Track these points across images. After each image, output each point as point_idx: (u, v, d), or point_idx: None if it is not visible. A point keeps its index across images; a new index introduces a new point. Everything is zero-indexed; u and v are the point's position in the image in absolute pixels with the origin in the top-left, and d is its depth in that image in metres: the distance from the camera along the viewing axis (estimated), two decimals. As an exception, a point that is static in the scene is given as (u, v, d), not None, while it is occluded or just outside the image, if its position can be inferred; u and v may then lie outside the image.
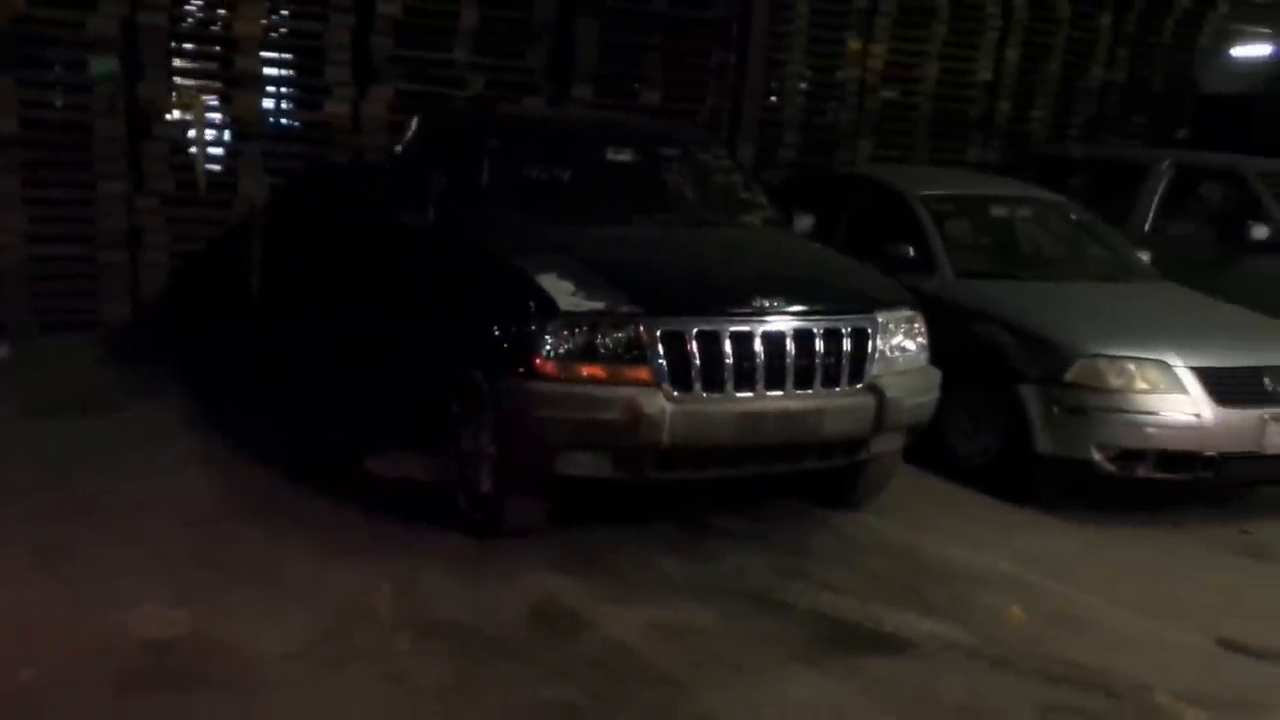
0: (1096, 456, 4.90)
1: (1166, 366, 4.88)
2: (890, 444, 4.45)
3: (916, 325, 4.43)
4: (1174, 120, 11.65)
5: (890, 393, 4.17)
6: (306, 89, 7.38)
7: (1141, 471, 4.93)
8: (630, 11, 7.96)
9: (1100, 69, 11.02)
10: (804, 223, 5.51)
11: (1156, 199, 7.64)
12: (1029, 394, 5.06)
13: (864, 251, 6.00)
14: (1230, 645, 3.88)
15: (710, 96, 8.32)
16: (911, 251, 5.86)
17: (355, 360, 5.88)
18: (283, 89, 7.37)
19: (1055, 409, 4.98)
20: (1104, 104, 11.15)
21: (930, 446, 5.36)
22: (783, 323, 3.99)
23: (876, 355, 4.21)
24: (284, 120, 7.45)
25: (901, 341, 4.35)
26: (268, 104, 7.24)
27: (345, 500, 4.51)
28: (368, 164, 7.17)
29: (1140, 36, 11.19)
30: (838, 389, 4.06)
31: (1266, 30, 14.71)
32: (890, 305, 4.35)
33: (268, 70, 7.15)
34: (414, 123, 6.14)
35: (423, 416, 4.78)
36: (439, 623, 3.57)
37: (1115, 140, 11.06)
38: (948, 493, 5.28)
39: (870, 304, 4.26)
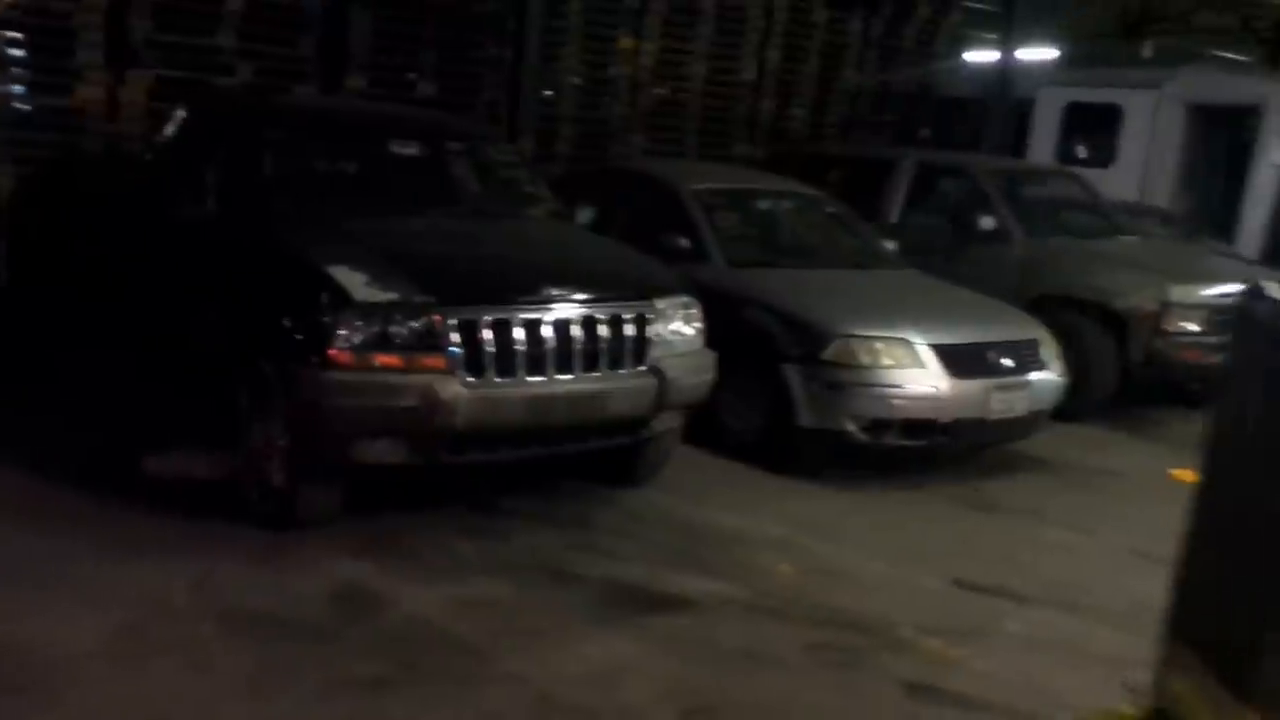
0: (850, 427, 5.50)
1: (909, 344, 5.54)
2: (670, 422, 4.87)
3: (693, 311, 4.86)
4: (918, 120, 12.85)
5: (670, 374, 4.58)
6: (55, 72, 7.09)
7: (889, 439, 5.57)
8: (404, 2, 8.08)
9: (853, 71, 12.04)
10: (585, 215, 5.86)
11: (902, 193, 8.45)
12: (792, 373, 5.60)
13: (640, 243, 6.43)
14: (964, 585, 4.53)
15: (487, 90, 8.56)
16: (685, 242, 6.31)
17: (128, 355, 5.75)
18: (28, 72, 7.04)
19: (814, 385, 5.55)
20: (857, 104, 12.18)
21: (706, 425, 5.87)
22: (570, 310, 4.32)
23: (657, 339, 4.61)
24: (29, 105, 7.12)
25: (680, 326, 4.77)
26: (13, 88, 6.89)
27: (129, 501, 4.47)
28: (125, 153, 6.97)
29: (887, 42, 12.30)
30: (622, 371, 4.43)
31: (994, 37, 16.38)
32: (669, 293, 4.76)
33: (12, 51, 6.82)
34: (179, 111, 6.04)
35: (204, 410, 4.79)
36: (241, 612, 3.67)
37: (869, 138, 12.11)
38: (723, 467, 5.75)
39: (651, 292, 4.65)
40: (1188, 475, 6.39)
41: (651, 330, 4.57)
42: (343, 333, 3.89)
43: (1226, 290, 7.30)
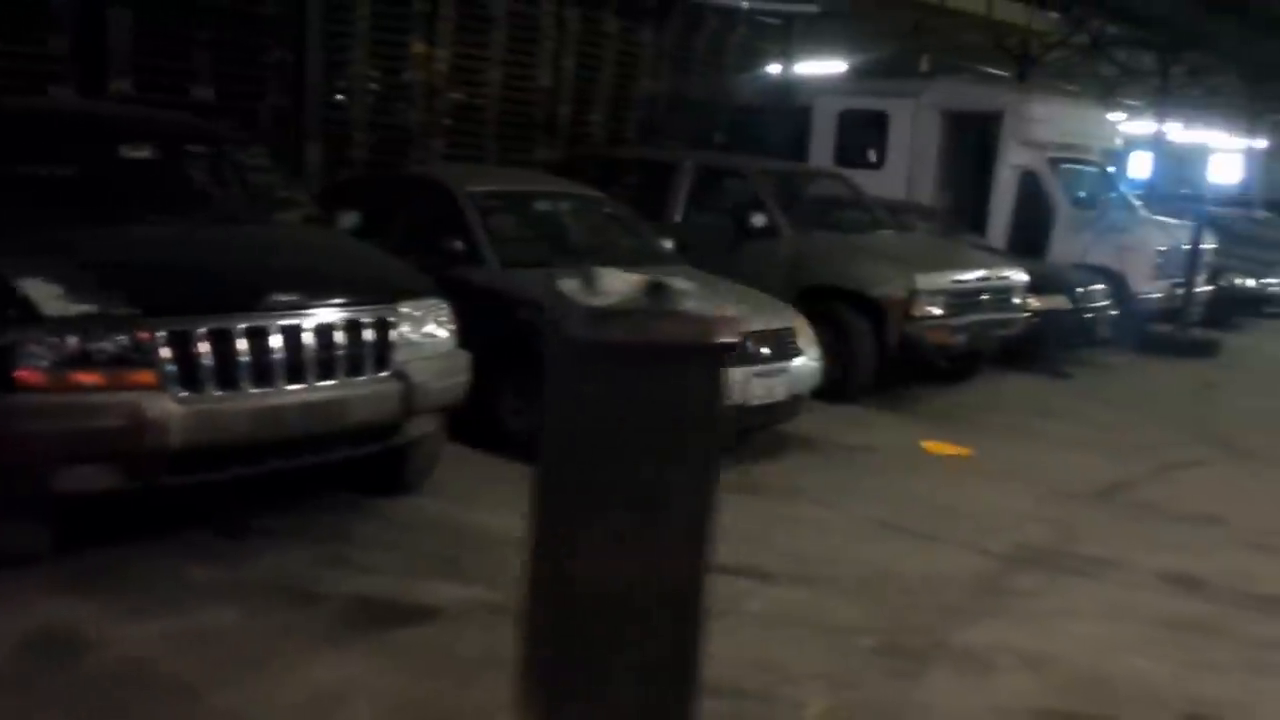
0: (619, 421, 5.27)
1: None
2: (426, 426, 4.52)
3: (443, 312, 4.52)
4: (713, 127, 12.82)
5: (416, 378, 4.23)
6: None
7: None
8: (172, 2, 7.38)
9: (647, 80, 11.89)
10: (349, 219, 5.43)
11: (684, 195, 8.32)
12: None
13: (420, 246, 6.09)
14: (715, 567, 4.33)
15: (271, 94, 7.96)
16: (460, 245, 5.97)
17: None
18: None
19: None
20: (653, 111, 12.04)
21: (486, 425, 5.56)
22: (301, 317, 3.91)
23: (402, 343, 4.25)
24: None
25: (428, 329, 4.43)
26: None
27: None
28: None
29: (678, 52, 12.20)
30: (362, 378, 4.05)
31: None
32: (414, 295, 4.41)
33: None
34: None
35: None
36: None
37: (665, 143, 11.98)
38: (500, 467, 5.40)
39: (393, 295, 4.29)
40: (936, 446, 6.56)
41: (395, 334, 4.21)
42: (32, 351, 3.37)
43: (966, 277, 7.49)
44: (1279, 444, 7.09)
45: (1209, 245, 10.98)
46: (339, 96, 8.98)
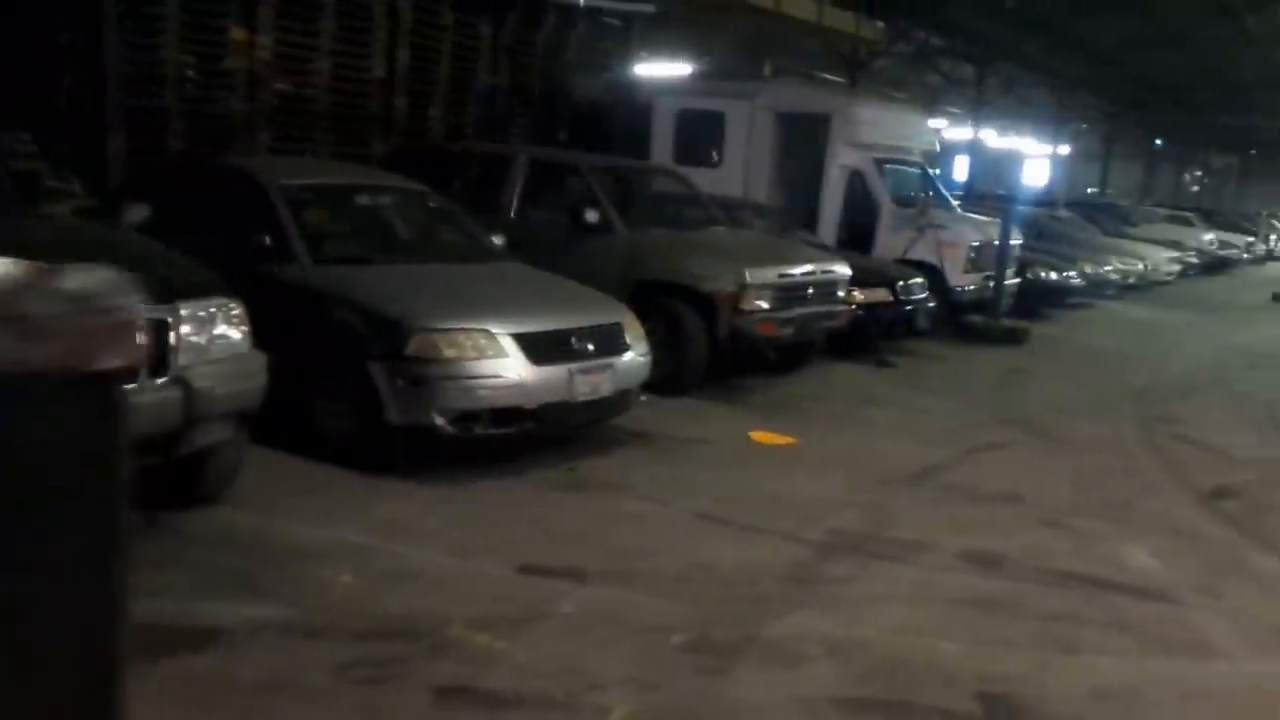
0: (439, 421, 4.99)
1: (490, 335, 5.10)
2: (218, 434, 4.12)
3: (234, 312, 4.13)
4: (556, 122, 12.57)
5: (199, 383, 3.84)
6: None
7: (479, 430, 5.11)
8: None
9: (487, 74, 11.54)
10: (137, 212, 4.95)
11: (518, 189, 8.06)
12: (378, 370, 5.02)
13: (226, 241, 5.63)
14: (530, 570, 4.13)
15: (68, 80, 7.26)
16: (269, 240, 5.55)
17: None
18: None
19: (400, 382, 4.99)
20: (493, 105, 11.70)
21: (301, 428, 5.18)
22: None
23: (184, 346, 3.86)
24: None
25: (216, 330, 4.04)
26: None
27: None
28: None
29: (518, 47, 11.90)
30: (133, 385, 3.63)
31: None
32: (198, 295, 4.01)
33: None
34: None
35: None
36: None
37: (506, 138, 11.66)
38: (313, 473, 5.06)
39: (171, 295, 3.88)
40: (763, 436, 6.53)
41: (175, 337, 3.81)
42: None
43: (793, 272, 7.51)
44: (1075, 425, 7.37)
45: (1017, 241, 11.44)
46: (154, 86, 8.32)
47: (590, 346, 5.46)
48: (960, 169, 25.48)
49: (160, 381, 3.74)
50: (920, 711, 3.25)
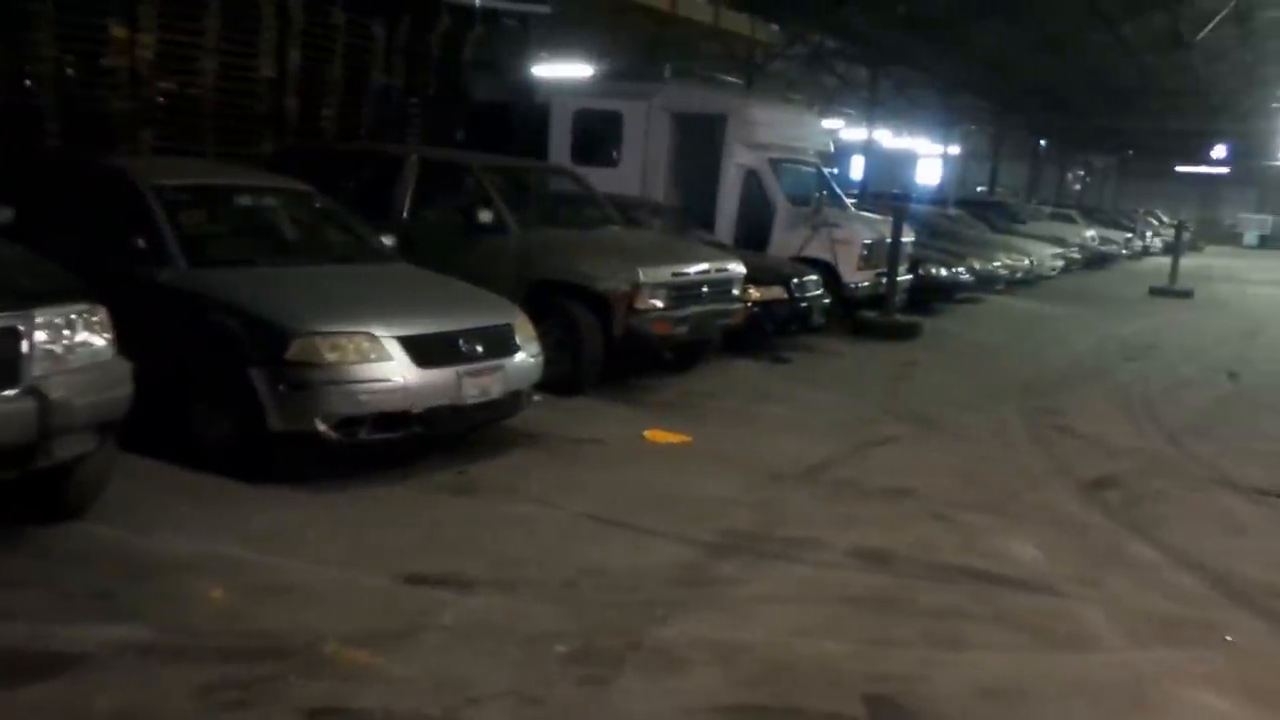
0: (321, 427, 4.76)
1: (374, 338, 4.89)
2: (81, 445, 3.83)
3: (96, 318, 3.85)
4: (454, 123, 12.29)
5: (56, 394, 3.56)
6: None
7: (363, 435, 4.89)
8: None
9: (381, 74, 11.20)
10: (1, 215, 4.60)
11: (410, 190, 7.81)
12: (258, 376, 4.77)
13: (98, 244, 5.31)
14: (413, 579, 3.94)
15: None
16: (144, 242, 5.24)
17: None
18: None
19: (281, 387, 4.75)
20: (389, 106, 11.36)
21: (180, 436, 4.90)
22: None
23: (39, 355, 3.57)
24: None
25: (76, 337, 3.75)
26: None
27: None
28: None
29: (412, 48, 11.58)
30: (-22, 397, 3.35)
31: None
32: (55, 301, 3.72)
33: None
34: None
35: None
36: None
37: (408, 139, 11.34)
38: (190, 482, 4.79)
39: (22, 301, 3.58)
40: (658, 435, 6.45)
41: (26, 346, 3.51)
42: None
43: (686, 271, 7.45)
44: (964, 418, 7.47)
45: (909, 238, 11.62)
46: (27, 81, 7.82)
47: (479, 348, 5.28)
48: (857, 169, 25.98)
49: (10, 393, 3.44)
50: (806, 716, 3.18)
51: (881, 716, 3.19)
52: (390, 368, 4.88)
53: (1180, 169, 41.61)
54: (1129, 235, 28.72)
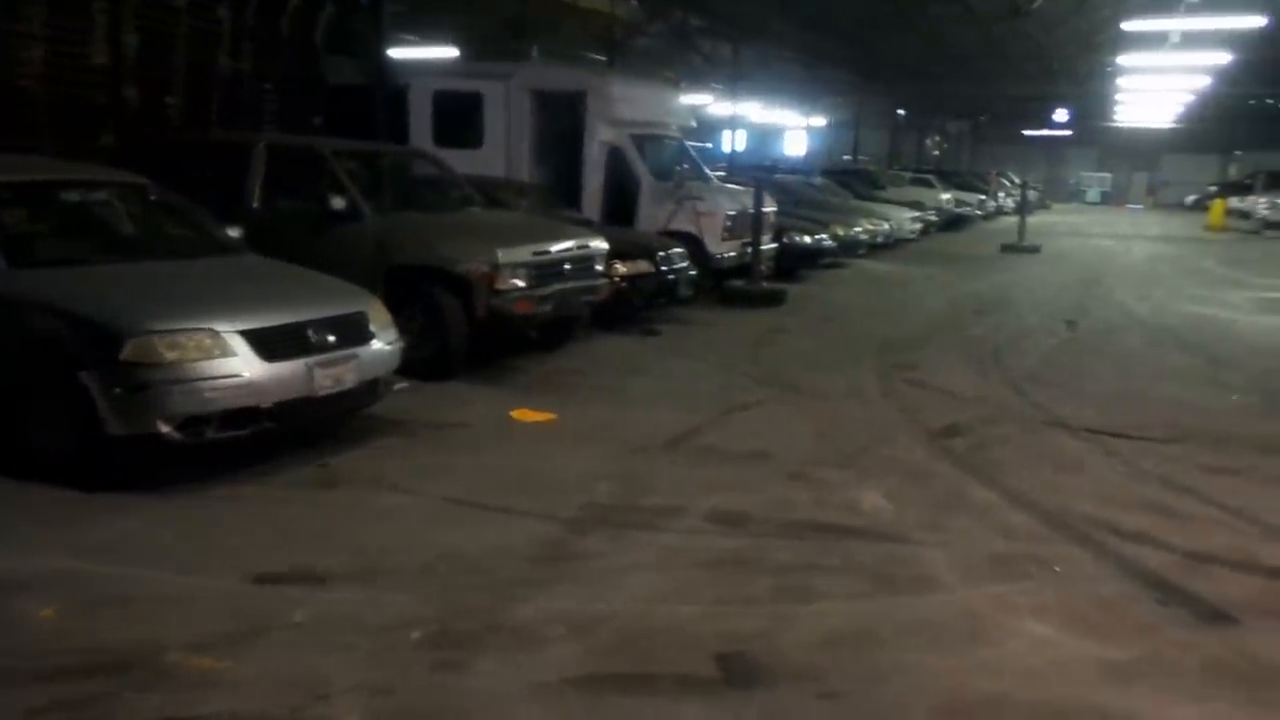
0: (164, 429, 4.54)
1: (215, 333, 4.67)
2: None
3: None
4: (309, 109, 11.83)
5: None
6: None
7: (210, 434, 4.68)
8: None
9: (228, 59, 10.68)
10: None
11: (259, 178, 7.48)
12: (91, 379, 4.50)
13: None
14: (265, 579, 3.80)
15: None
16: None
17: None
18: None
19: (117, 390, 4.49)
20: (238, 92, 10.85)
21: (14, 447, 4.61)
22: None
23: None
24: None
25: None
26: None
27: None
28: None
29: (261, 31, 11.08)
30: None
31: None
32: None
33: None
34: None
35: None
36: None
37: (263, 126, 10.86)
38: (24, 495, 4.51)
39: None
40: (524, 414, 6.39)
41: None
42: None
43: (548, 249, 7.38)
44: (824, 379, 7.65)
45: (772, 208, 11.81)
46: None
47: (330, 338, 5.11)
48: (727, 142, 26.25)
49: None
50: (659, 681, 3.19)
51: (732, 673, 3.23)
52: (234, 363, 4.68)
53: (1028, 133, 43.50)
54: (983, 197, 29.92)
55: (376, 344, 5.40)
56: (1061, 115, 38.54)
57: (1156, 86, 27.21)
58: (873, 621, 3.64)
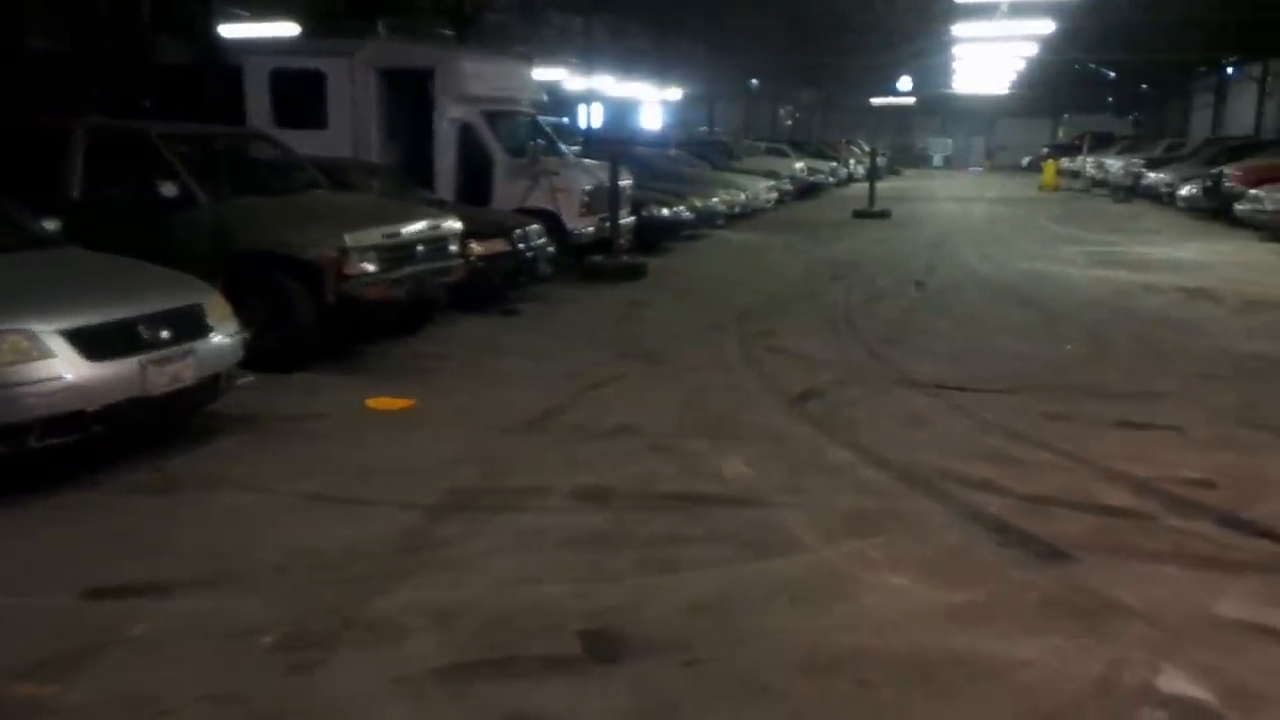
0: (-21, 440, 4.19)
1: (32, 334, 4.33)
2: None
3: None
4: (137, 90, 11.13)
5: None
6: None
7: (33, 443, 4.35)
8: None
9: (39, 39, 9.93)
10: None
11: (80, 165, 6.97)
12: (-113, 392, 4.10)
13: None
14: (100, 593, 3.56)
15: None
16: None
17: None
18: None
19: (-80, 402, 4.12)
20: (54, 73, 10.11)
21: None
22: None
23: None
24: None
25: None
26: None
27: None
28: None
29: (78, 8, 10.34)
30: None
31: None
32: None
33: None
34: None
35: None
36: None
37: (87, 110, 10.12)
38: None
39: None
40: (380, 402, 6.21)
41: None
42: None
43: (399, 230, 7.16)
44: (686, 350, 7.73)
45: (628, 182, 11.81)
46: None
47: (164, 333, 4.82)
48: (586, 117, 26.13)
49: None
50: (523, 663, 3.15)
51: (596, 649, 3.22)
52: (55, 365, 4.35)
53: (875, 101, 45.00)
54: (835, 164, 30.82)
55: (216, 337, 5.13)
56: (905, 84, 40.02)
57: (990, 54, 28.56)
58: (736, 587, 3.69)
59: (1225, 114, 36.23)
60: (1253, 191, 15.62)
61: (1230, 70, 34.05)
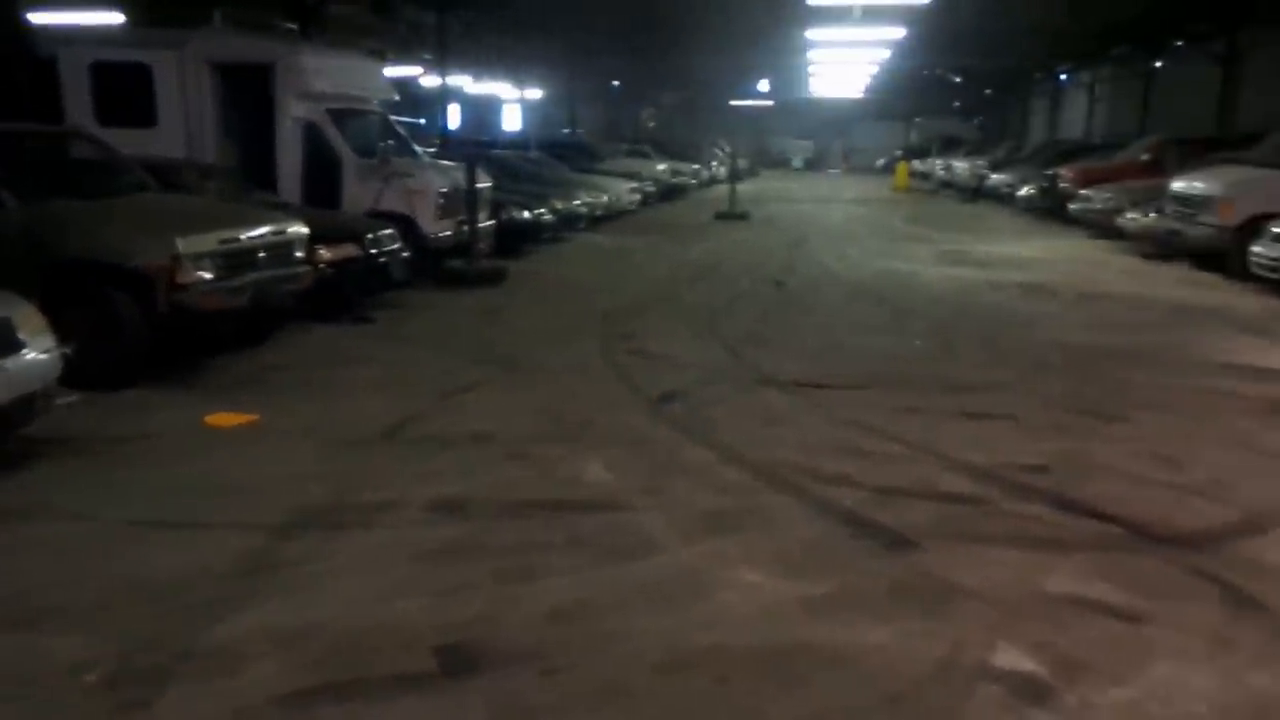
0: None
1: None
2: None
3: None
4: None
5: None
6: None
7: None
8: None
9: None
10: None
11: None
12: None
13: None
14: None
15: None
16: None
17: None
18: None
19: None
20: None
21: None
22: None
23: None
24: None
25: None
26: None
27: None
28: None
29: None
30: None
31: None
32: None
33: None
34: None
35: None
36: None
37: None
38: None
39: None
40: (220, 419, 5.95)
41: None
42: None
43: (238, 235, 6.89)
44: (546, 355, 7.70)
45: (486, 184, 11.70)
46: None
47: (-34, 351, 4.49)
48: (443, 117, 25.72)
49: None
50: (375, 684, 3.08)
51: (451, 664, 3.18)
52: None
53: (735, 103, 46.04)
54: (697, 166, 31.37)
55: (29, 354, 4.81)
56: (764, 86, 41.08)
57: (844, 59, 29.63)
58: (595, 592, 3.71)
59: (1060, 118, 38.71)
60: (1083, 191, 16.77)
61: (1064, 76, 36.38)
